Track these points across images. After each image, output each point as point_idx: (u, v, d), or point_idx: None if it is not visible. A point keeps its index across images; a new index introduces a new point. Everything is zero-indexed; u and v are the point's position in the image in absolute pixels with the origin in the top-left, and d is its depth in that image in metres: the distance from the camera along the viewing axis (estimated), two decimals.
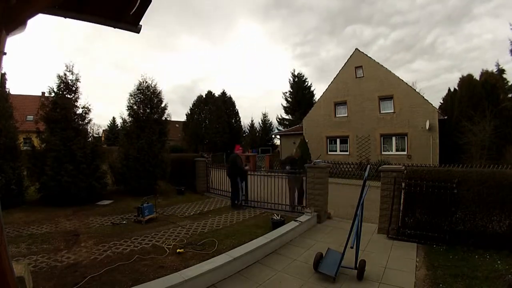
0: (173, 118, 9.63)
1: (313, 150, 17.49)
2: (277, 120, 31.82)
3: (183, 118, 30.45)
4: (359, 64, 16.92)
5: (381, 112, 16.14)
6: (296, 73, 30.86)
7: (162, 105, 9.48)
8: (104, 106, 63.18)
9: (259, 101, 62.10)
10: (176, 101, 60.41)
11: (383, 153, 15.90)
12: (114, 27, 2.33)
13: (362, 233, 3.49)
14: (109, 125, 35.88)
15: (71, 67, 7.61)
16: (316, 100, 22.28)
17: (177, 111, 62.11)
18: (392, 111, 15.71)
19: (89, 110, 7.89)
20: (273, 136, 30.10)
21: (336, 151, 18.02)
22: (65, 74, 7.55)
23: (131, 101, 9.16)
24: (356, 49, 17.31)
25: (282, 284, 3.21)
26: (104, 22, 2.28)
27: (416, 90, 17.30)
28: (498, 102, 14.19)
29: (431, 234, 4.30)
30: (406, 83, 15.95)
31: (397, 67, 51.41)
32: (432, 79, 48.52)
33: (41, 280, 3.02)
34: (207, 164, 9.42)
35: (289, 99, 30.92)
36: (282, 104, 31.45)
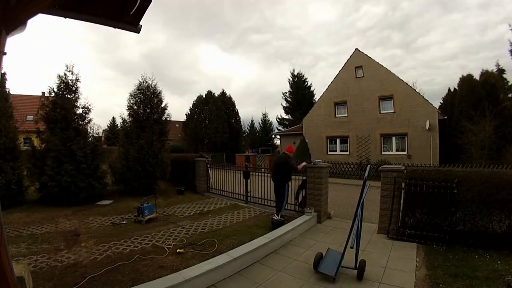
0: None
1: (313, 150, 17.49)
2: (277, 120, 31.84)
3: (182, 116, 30.32)
4: (359, 64, 16.91)
5: (381, 112, 16.14)
6: (295, 73, 30.87)
7: (162, 105, 9.51)
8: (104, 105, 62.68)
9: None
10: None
11: (383, 153, 15.90)
12: (114, 27, 2.33)
13: (362, 233, 3.50)
14: (109, 125, 35.89)
15: (71, 67, 7.63)
16: (316, 100, 22.28)
17: None
18: (392, 111, 15.71)
19: (89, 110, 7.93)
20: (273, 136, 30.09)
21: (336, 151, 18.01)
22: (65, 74, 7.56)
23: (131, 101, 9.19)
24: (356, 49, 17.29)
25: (282, 284, 3.21)
26: (104, 22, 2.28)
27: (416, 90, 17.32)
28: (498, 102, 14.15)
29: (431, 234, 4.30)
30: (406, 83, 15.96)
31: None
32: None
33: (41, 280, 3.02)
34: (207, 164, 9.41)
35: (289, 99, 30.88)
36: (282, 104, 31.44)
